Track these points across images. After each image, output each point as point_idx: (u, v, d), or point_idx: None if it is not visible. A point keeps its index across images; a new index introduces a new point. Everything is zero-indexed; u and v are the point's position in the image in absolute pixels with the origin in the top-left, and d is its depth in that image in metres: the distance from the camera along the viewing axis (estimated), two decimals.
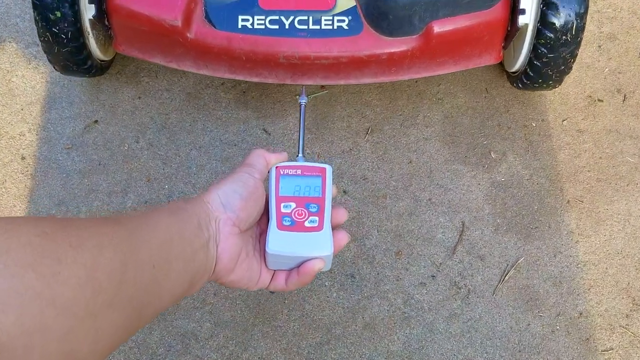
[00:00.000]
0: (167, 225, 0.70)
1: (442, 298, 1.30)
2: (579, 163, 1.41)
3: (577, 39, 1.22)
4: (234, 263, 0.77)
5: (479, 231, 1.35)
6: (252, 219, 0.80)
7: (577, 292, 1.31)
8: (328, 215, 0.84)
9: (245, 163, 0.84)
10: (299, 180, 0.86)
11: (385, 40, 1.22)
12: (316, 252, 0.81)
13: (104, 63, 1.41)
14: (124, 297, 0.58)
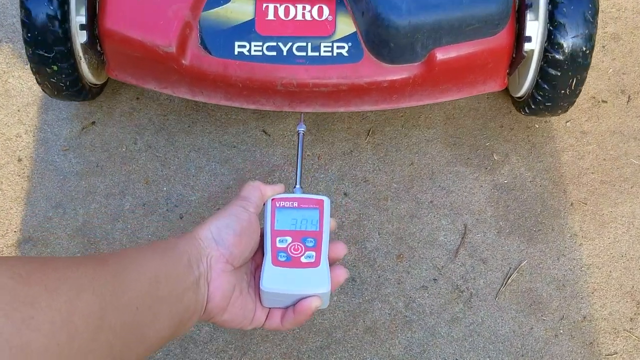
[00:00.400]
0: (155, 265, 0.69)
1: (444, 302, 1.30)
2: (583, 165, 1.41)
3: (586, 60, 1.20)
4: (226, 302, 0.76)
5: (481, 234, 1.35)
6: (246, 255, 0.79)
7: (581, 296, 1.31)
8: (325, 250, 0.83)
9: (239, 196, 0.83)
10: (296, 213, 0.85)
11: (387, 68, 1.20)
12: (313, 289, 0.80)
13: (96, 87, 1.39)
14: (102, 343, 0.56)
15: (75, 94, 1.33)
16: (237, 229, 0.77)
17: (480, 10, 1.14)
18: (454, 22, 1.14)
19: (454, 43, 1.18)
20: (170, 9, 1.20)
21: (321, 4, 1.21)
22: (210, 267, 0.74)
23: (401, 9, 1.12)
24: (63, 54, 1.22)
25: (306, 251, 0.82)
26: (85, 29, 1.23)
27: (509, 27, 1.21)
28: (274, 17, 1.21)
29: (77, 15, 1.22)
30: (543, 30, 1.21)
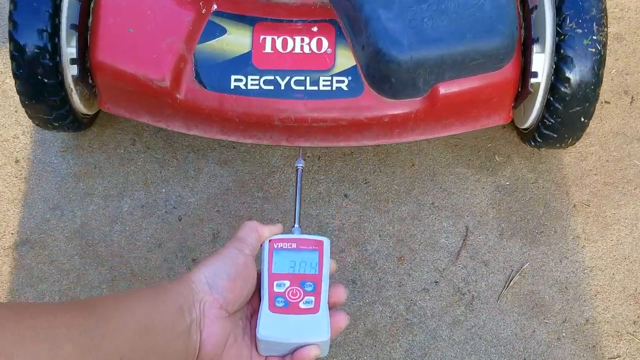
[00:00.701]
0: (143, 312, 0.67)
1: (446, 304, 1.30)
2: (586, 166, 1.41)
3: (594, 94, 1.18)
4: (220, 349, 0.74)
5: (483, 236, 1.35)
6: (241, 300, 0.77)
7: (584, 299, 1.31)
8: (325, 294, 0.81)
9: (235, 237, 0.80)
10: (294, 255, 0.83)
11: (388, 103, 1.17)
12: (312, 337, 0.78)
13: (89, 117, 1.36)
14: None
15: (67, 125, 1.30)
16: (232, 273, 0.75)
17: (485, 44, 1.11)
18: (457, 57, 1.11)
19: (457, 78, 1.15)
20: (164, 41, 1.17)
21: (320, 37, 1.18)
22: (204, 313, 0.72)
23: (403, 44, 1.08)
24: (54, 87, 1.20)
25: (305, 296, 0.80)
26: (76, 62, 1.21)
27: (514, 60, 1.18)
28: (271, 50, 1.18)
29: (68, 47, 1.20)
30: (550, 63, 1.18)
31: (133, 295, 0.70)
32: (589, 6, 1.16)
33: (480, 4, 1.10)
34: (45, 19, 1.15)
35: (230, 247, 0.78)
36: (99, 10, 1.20)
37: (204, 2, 1.19)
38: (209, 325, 0.72)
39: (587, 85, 1.16)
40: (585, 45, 1.15)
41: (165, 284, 0.73)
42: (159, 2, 1.19)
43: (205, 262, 0.76)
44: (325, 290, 0.81)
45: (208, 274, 0.74)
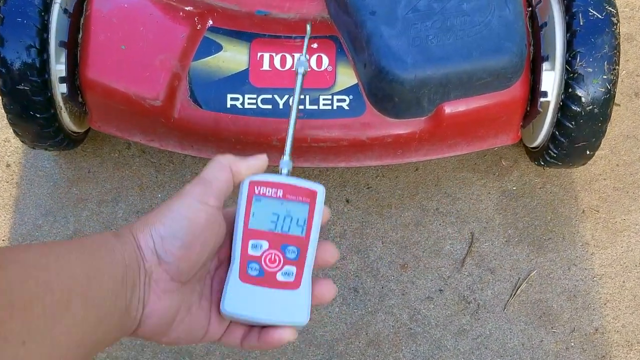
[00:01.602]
0: (72, 274, 0.54)
1: (450, 313, 1.30)
2: (595, 171, 1.41)
3: (606, 112, 1.16)
4: (165, 327, 0.63)
5: (489, 242, 1.35)
6: (198, 266, 0.64)
7: (593, 307, 1.31)
8: (310, 266, 0.67)
9: (200, 179, 0.65)
10: (279, 206, 0.67)
11: (391, 122, 1.17)
12: (287, 318, 0.65)
13: (79, 135, 1.35)
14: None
15: (57, 144, 1.29)
16: (185, 239, 0.61)
17: (492, 63, 1.10)
18: (463, 76, 1.10)
19: (464, 97, 1.14)
20: (157, 58, 1.16)
21: (320, 53, 1.17)
22: (149, 287, 0.61)
23: (406, 62, 1.07)
24: (42, 105, 1.18)
25: (285, 265, 0.66)
26: (66, 80, 1.19)
27: (523, 79, 1.17)
28: (269, 68, 1.17)
29: (57, 64, 1.19)
30: (560, 81, 1.17)
31: (63, 248, 0.57)
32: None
33: (488, 21, 1.10)
34: (32, 34, 1.14)
35: (190, 195, 0.63)
36: (89, 26, 1.18)
37: (199, 18, 1.18)
38: (154, 301, 0.61)
39: (599, 104, 1.15)
40: (598, 63, 1.14)
41: (110, 238, 0.60)
42: (151, 17, 1.18)
43: (154, 219, 0.62)
44: (310, 260, 0.67)
45: (157, 240, 0.61)
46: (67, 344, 0.53)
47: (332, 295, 0.68)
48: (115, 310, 0.57)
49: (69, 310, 0.53)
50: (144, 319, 0.61)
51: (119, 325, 0.59)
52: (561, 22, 1.17)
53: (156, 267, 0.61)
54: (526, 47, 1.13)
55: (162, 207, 0.63)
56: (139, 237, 0.61)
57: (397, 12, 1.10)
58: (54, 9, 1.18)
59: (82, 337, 0.54)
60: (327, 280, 0.68)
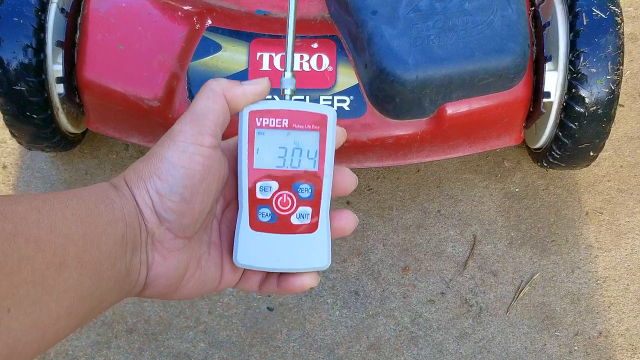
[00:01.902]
0: (66, 232, 0.49)
1: (452, 316, 1.29)
2: (599, 172, 1.41)
3: (610, 113, 1.16)
4: (175, 286, 0.59)
5: (492, 245, 1.35)
6: (203, 217, 0.58)
7: (597, 310, 1.30)
8: (326, 203, 0.61)
9: (191, 114, 0.57)
10: (285, 138, 0.60)
11: (392, 123, 1.16)
12: (306, 264, 0.61)
13: (76, 136, 1.34)
14: None
15: (54, 145, 1.28)
16: (186, 192, 0.55)
17: (494, 63, 1.10)
18: (465, 76, 1.10)
19: (466, 98, 1.14)
20: (155, 59, 1.15)
21: (320, 53, 1.17)
22: (153, 248, 0.56)
23: (408, 62, 1.08)
24: (39, 106, 1.18)
25: (299, 206, 0.60)
26: (63, 80, 1.19)
27: (525, 79, 1.17)
28: (269, 68, 1.16)
29: (54, 64, 1.18)
30: (563, 82, 1.17)
31: (65, 199, 0.51)
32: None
33: (490, 21, 1.10)
34: (29, 34, 1.13)
35: (182, 138, 0.56)
36: (86, 26, 1.18)
37: (197, 18, 1.18)
38: (159, 263, 0.57)
39: (603, 105, 1.14)
40: (602, 63, 1.13)
41: (109, 190, 0.55)
42: (150, 17, 1.17)
43: (147, 172, 0.56)
44: (327, 197, 0.61)
45: (155, 197, 0.55)
46: (58, 311, 0.48)
47: (353, 225, 0.63)
48: (113, 274, 0.53)
49: (62, 275, 0.48)
50: (149, 281, 0.57)
51: (117, 290, 0.54)
52: (564, 22, 1.17)
53: (158, 226, 0.56)
54: (529, 47, 1.12)
55: (154, 155, 0.56)
56: (135, 194, 0.56)
57: (398, 11, 1.10)
58: (51, 9, 1.17)
59: (75, 304, 0.50)
60: (344, 211, 0.62)
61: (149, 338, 1.27)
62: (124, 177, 0.57)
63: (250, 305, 1.28)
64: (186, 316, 1.28)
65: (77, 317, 0.51)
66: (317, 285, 0.58)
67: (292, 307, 1.28)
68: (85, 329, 1.26)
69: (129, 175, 0.57)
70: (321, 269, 0.62)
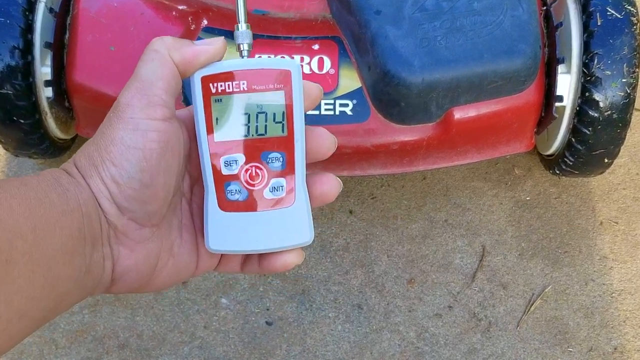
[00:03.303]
0: (13, 226, 0.45)
1: (460, 331, 1.29)
2: (614, 180, 1.41)
3: (626, 115, 1.15)
4: (146, 279, 0.55)
5: (501, 256, 1.34)
6: (169, 199, 0.54)
7: (612, 325, 1.30)
8: (301, 170, 0.56)
9: (136, 81, 0.54)
10: (246, 102, 0.55)
11: (397, 128, 1.16)
12: (287, 242, 0.57)
13: (65, 142, 1.34)
14: None
15: (42, 151, 1.27)
16: (145, 176, 0.51)
17: (504, 66, 1.09)
18: (474, 79, 1.09)
19: (474, 102, 1.14)
20: None
21: (322, 55, 1.16)
22: (116, 240, 0.53)
23: (413, 64, 1.07)
24: (27, 110, 1.17)
25: (271, 178, 0.56)
26: (51, 83, 1.19)
27: (537, 82, 1.16)
28: None
29: (42, 66, 1.18)
30: (576, 85, 1.16)
31: (10, 187, 0.47)
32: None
33: (500, 21, 1.09)
34: (16, 35, 1.12)
35: (130, 113, 0.52)
36: (76, 26, 1.18)
37: (193, 17, 1.17)
38: (126, 256, 0.53)
39: (618, 109, 1.14)
40: (618, 65, 1.13)
41: (61, 176, 0.51)
42: (143, 17, 1.17)
43: (98, 157, 0.51)
44: (301, 164, 0.56)
45: (111, 186, 0.51)
46: (7, 315, 0.45)
47: (336, 189, 0.58)
48: (72, 272, 0.48)
49: (9, 274, 0.44)
50: (117, 277, 0.53)
51: (78, 289, 0.50)
52: (578, 22, 1.16)
53: (119, 217, 0.52)
54: (540, 48, 1.12)
55: (103, 136, 0.52)
56: (90, 183, 0.51)
57: (403, 11, 1.10)
58: (39, 8, 1.16)
59: (26, 305, 0.46)
60: (324, 174, 0.58)
61: (141, 354, 1.26)
62: (75, 162, 0.52)
63: (248, 319, 1.27)
64: (181, 331, 1.27)
65: (31, 320, 0.47)
66: (301, 262, 0.54)
67: (292, 321, 1.28)
68: (74, 344, 1.25)
69: (80, 161, 0.52)
70: (304, 244, 0.57)
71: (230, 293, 1.28)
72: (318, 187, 0.57)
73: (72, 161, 0.52)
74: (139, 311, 1.27)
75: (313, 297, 1.29)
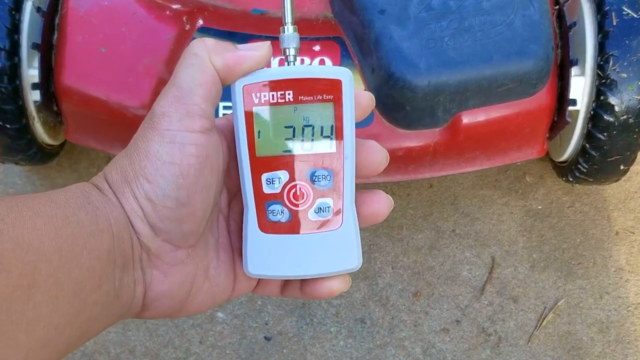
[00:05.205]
0: (37, 247, 0.43)
1: (468, 347, 1.29)
2: (630, 188, 1.40)
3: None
4: (180, 304, 0.54)
5: (512, 268, 1.34)
6: (206, 218, 0.53)
7: (627, 340, 1.29)
8: (350, 190, 0.53)
9: (174, 89, 0.50)
10: (292, 114, 0.52)
11: (402, 134, 1.16)
12: (332, 267, 0.54)
13: (53, 148, 1.34)
14: None
15: (29, 158, 1.27)
16: (182, 194, 0.49)
17: (514, 68, 1.09)
18: (482, 82, 1.09)
19: (483, 106, 1.14)
20: (141, 63, 1.15)
21: (323, 57, 1.16)
22: (149, 263, 0.51)
23: (419, 67, 1.07)
24: (13, 114, 1.16)
25: (317, 198, 0.53)
26: (39, 86, 1.18)
27: (549, 85, 1.16)
28: None
29: (30, 68, 1.17)
30: (590, 88, 1.16)
31: (35, 204, 0.45)
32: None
33: (510, 21, 1.08)
34: (2, 35, 1.12)
35: (167, 125, 0.49)
36: (65, 27, 1.17)
37: (187, 17, 1.17)
38: (159, 281, 0.52)
39: (635, 113, 1.13)
40: (634, 67, 1.12)
41: (91, 192, 0.49)
42: (135, 17, 1.17)
43: (132, 172, 0.49)
44: (350, 183, 0.53)
45: (145, 205, 0.49)
46: (29, 344, 0.43)
47: (387, 209, 0.55)
48: (99, 297, 0.47)
49: (32, 299, 0.42)
50: (148, 302, 0.52)
51: (105, 315, 0.48)
52: (592, 22, 1.16)
53: (152, 239, 0.50)
54: (553, 49, 1.11)
55: (136, 149, 0.50)
56: (122, 201, 0.49)
57: (409, 10, 1.09)
58: (26, 8, 1.16)
59: (50, 334, 0.44)
60: (374, 192, 0.55)
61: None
62: (106, 177, 0.50)
63: (245, 334, 1.27)
64: (175, 346, 1.27)
65: (54, 350, 0.45)
66: (347, 289, 0.52)
67: (292, 336, 1.27)
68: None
69: (111, 176, 0.50)
70: (351, 270, 0.55)
71: (227, 307, 1.28)
72: (368, 206, 0.55)
73: (102, 175, 0.51)
74: (130, 325, 1.27)
75: (314, 311, 1.29)
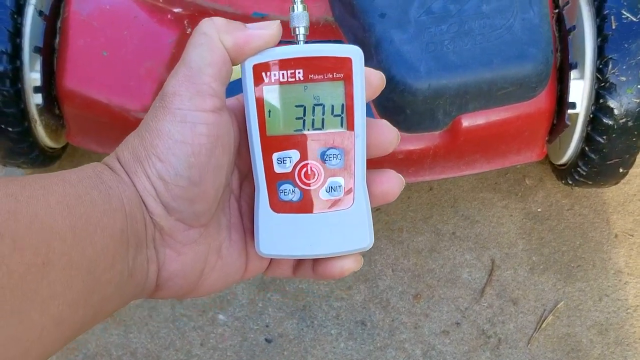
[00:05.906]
0: (50, 226, 0.43)
1: (468, 349, 1.29)
2: (629, 190, 1.41)
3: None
4: (193, 284, 0.54)
5: (512, 270, 1.34)
6: (218, 197, 0.53)
7: (627, 342, 1.29)
8: (361, 168, 0.53)
9: (184, 69, 0.50)
10: (302, 93, 0.52)
11: (402, 137, 1.14)
12: (343, 246, 0.54)
13: (55, 151, 1.34)
14: None
15: (31, 161, 1.27)
16: (194, 173, 0.49)
17: (514, 71, 1.09)
18: (482, 85, 1.09)
19: (483, 109, 1.14)
20: (142, 66, 1.15)
21: None
22: (162, 242, 0.52)
23: (419, 70, 1.07)
24: (15, 118, 1.17)
25: (328, 177, 0.53)
26: (41, 89, 1.18)
27: (548, 89, 1.16)
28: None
29: (32, 72, 1.18)
30: (590, 91, 1.16)
31: (48, 184, 0.45)
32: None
33: (510, 25, 1.09)
34: (4, 39, 1.12)
35: (179, 105, 0.49)
36: (67, 30, 1.17)
37: (188, 21, 1.17)
38: (172, 259, 0.52)
39: (634, 116, 1.13)
40: (634, 71, 1.12)
41: (104, 172, 0.49)
42: (136, 21, 1.17)
43: (144, 151, 0.49)
44: (361, 161, 0.53)
45: (158, 184, 0.49)
46: (43, 322, 0.42)
47: (398, 187, 0.55)
48: (113, 276, 0.47)
49: (46, 277, 0.42)
50: (162, 282, 0.52)
51: (119, 294, 0.49)
52: (591, 26, 1.16)
53: (165, 218, 0.50)
54: (552, 53, 1.12)
55: (148, 129, 0.50)
56: (134, 180, 0.50)
57: (409, 14, 1.09)
58: (28, 11, 1.16)
59: (64, 312, 0.44)
60: (385, 171, 0.55)
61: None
62: (118, 156, 0.50)
63: (246, 336, 1.27)
64: (176, 348, 1.27)
65: (68, 329, 0.45)
66: (359, 269, 0.51)
67: (293, 338, 1.28)
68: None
69: (123, 156, 0.50)
70: (363, 249, 0.54)
71: (228, 309, 1.28)
72: (378, 185, 0.55)
73: (114, 155, 0.51)
74: (132, 328, 1.27)
75: (314, 313, 1.29)
